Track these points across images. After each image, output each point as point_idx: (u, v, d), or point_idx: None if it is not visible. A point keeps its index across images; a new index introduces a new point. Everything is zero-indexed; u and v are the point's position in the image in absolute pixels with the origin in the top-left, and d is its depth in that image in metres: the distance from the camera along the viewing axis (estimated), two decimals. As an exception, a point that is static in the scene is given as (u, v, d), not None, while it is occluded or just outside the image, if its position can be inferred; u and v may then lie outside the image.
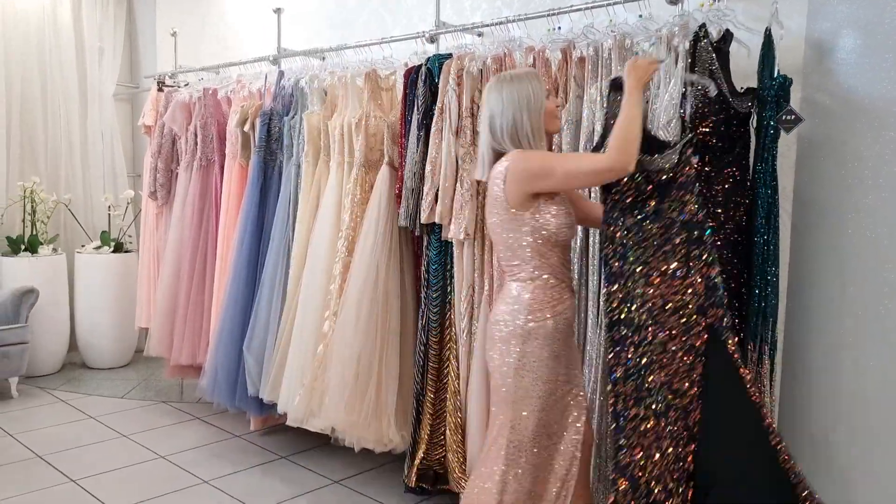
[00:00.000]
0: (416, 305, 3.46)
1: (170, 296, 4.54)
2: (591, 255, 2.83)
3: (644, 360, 2.26)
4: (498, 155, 2.42)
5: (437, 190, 3.16)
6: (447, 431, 3.21)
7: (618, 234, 2.35)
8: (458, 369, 3.21)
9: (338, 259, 3.49)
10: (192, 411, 4.66)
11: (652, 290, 2.29)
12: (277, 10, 4.45)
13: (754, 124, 2.53)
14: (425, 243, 3.31)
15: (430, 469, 3.29)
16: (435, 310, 3.25)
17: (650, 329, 2.27)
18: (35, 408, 4.71)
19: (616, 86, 2.47)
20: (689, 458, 2.24)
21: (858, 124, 2.57)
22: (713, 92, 2.45)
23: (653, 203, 2.34)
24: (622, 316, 2.31)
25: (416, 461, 3.24)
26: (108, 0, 6.11)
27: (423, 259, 3.33)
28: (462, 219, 3.08)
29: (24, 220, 5.45)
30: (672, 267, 2.29)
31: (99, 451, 3.99)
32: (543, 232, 2.36)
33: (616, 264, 2.34)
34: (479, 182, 3.13)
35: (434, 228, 3.23)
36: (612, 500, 2.22)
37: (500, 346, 2.42)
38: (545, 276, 2.39)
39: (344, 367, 3.29)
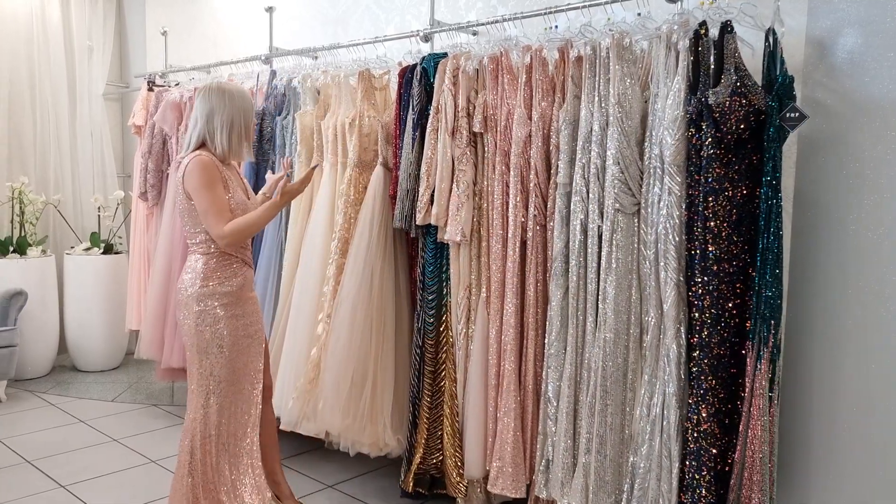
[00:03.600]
0: (411, 308, 3.41)
1: (161, 298, 4.48)
2: (589, 258, 2.79)
3: None
4: (200, 145, 2.84)
5: (433, 191, 3.11)
6: (444, 436, 3.17)
7: None
8: (454, 373, 3.16)
9: (331, 261, 3.44)
10: (183, 414, 4.59)
11: None
12: (269, 9, 4.40)
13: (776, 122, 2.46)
14: (420, 245, 3.27)
15: (427, 474, 3.24)
16: (431, 312, 3.21)
17: None
18: (24, 412, 4.64)
19: None
20: None
21: (860, 124, 2.53)
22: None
23: None
24: None
25: (413, 466, 3.19)
26: (97, -2, 6.04)
27: (419, 261, 3.28)
28: (459, 220, 3.04)
29: (12, 222, 5.38)
30: None
31: (89, 456, 3.92)
32: None
33: None
34: (475, 183, 3.10)
35: (430, 230, 3.19)
36: None
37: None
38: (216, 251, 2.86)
39: (338, 371, 3.24)
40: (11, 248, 5.28)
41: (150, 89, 4.99)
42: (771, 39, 2.52)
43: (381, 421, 3.26)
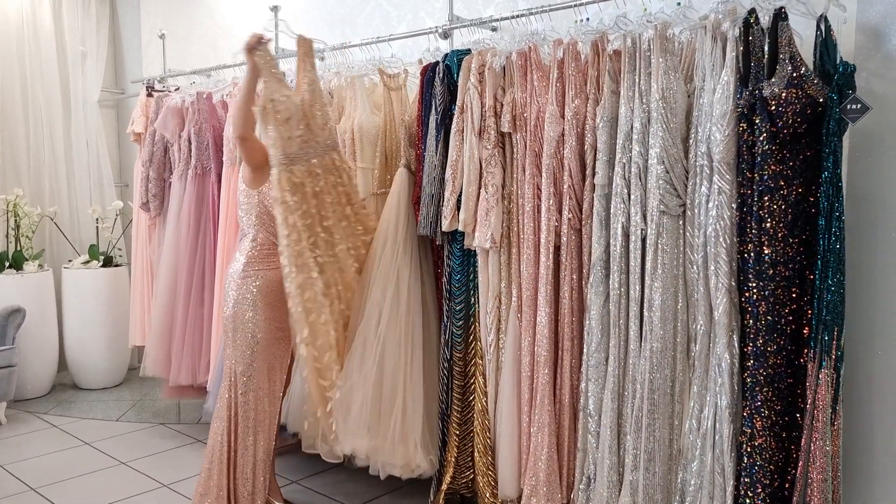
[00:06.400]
0: (438, 319, 3.24)
1: (166, 312, 4.29)
2: (631, 263, 2.62)
3: None
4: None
5: (459, 195, 2.95)
6: (475, 453, 3.00)
7: None
8: (485, 387, 3.00)
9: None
10: (192, 433, 4.41)
11: None
12: (274, 8, 4.22)
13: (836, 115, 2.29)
14: (446, 252, 3.10)
15: (457, 493, 3.07)
16: (459, 323, 3.04)
17: None
18: (25, 434, 4.44)
19: None
20: None
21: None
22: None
23: None
24: None
25: (443, 486, 3.03)
26: (90, 0, 5.83)
27: (445, 269, 3.11)
28: (488, 225, 2.87)
29: (7, 236, 5.17)
30: None
31: (97, 482, 3.73)
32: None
33: None
34: (503, 186, 2.93)
35: (456, 236, 3.02)
36: None
37: None
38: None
39: (365, 387, 3.06)
40: (7, 264, 5.08)
41: (150, 95, 4.79)
42: (823, 27, 2.37)
43: (413, 440, 3.07)
